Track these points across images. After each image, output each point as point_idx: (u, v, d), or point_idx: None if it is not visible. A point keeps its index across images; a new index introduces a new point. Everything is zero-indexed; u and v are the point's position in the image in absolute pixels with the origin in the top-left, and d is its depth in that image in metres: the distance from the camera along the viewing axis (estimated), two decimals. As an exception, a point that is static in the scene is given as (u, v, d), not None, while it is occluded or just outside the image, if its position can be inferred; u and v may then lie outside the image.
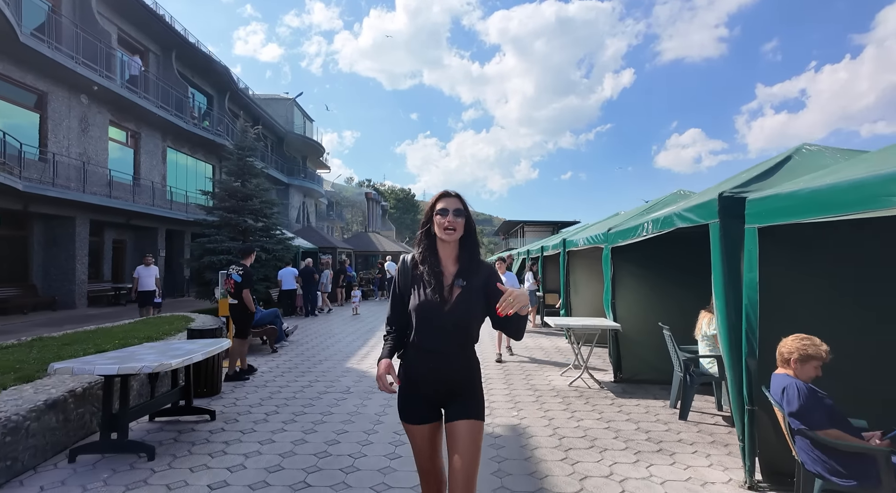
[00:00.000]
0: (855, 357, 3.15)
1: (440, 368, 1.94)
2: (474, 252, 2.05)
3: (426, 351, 1.95)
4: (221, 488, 3.14)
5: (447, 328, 1.92)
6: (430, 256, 2.02)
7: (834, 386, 2.76)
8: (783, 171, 3.95)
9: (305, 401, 5.13)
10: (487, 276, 2.00)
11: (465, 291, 1.94)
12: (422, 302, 1.95)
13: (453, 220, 1.96)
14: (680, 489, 3.19)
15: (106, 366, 3.38)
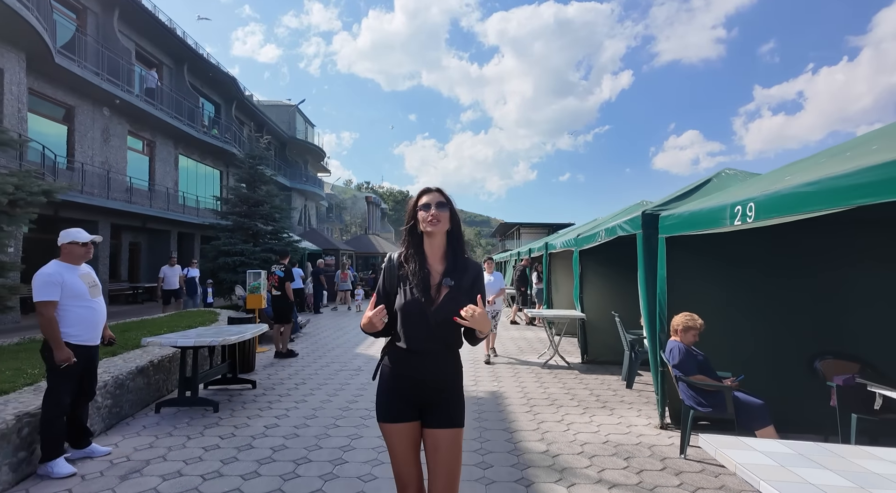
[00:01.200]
0: (729, 329, 4.32)
1: (424, 368, 1.90)
2: (460, 249, 2.00)
3: (411, 352, 1.90)
4: (273, 427, 4.29)
5: (433, 328, 1.87)
6: (417, 254, 1.97)
7: (712, 349, 3.93)
8: (700, 192, 5.12)
9: (325, 376, 6.29)
10: (475, 277, 1.98)
11: (453, 290, 1.89)
12: (408, 301, 1.89)
13: (437, 213, 1.92)
14: (610, 429, 4.35)
15: (184, 341, 4.53)
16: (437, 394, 1.91)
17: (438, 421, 1.88)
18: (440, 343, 1.90)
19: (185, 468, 3.41)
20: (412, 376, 1.90)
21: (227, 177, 24.82)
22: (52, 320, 3.16)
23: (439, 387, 1.91)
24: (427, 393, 1.91)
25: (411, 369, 1.90)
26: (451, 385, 1.93)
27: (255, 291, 7.98)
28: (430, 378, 1.90)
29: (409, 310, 1.89)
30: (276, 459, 3.60)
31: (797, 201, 2.59)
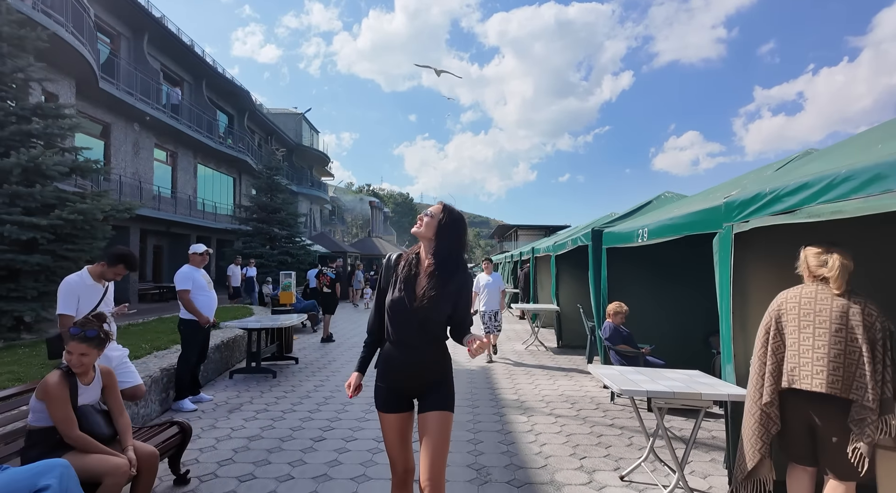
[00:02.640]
0: (649, 314, 5.91)
1: (413, 361, 2.05)
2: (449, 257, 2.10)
3: (400, 345, 2.06)
4: (319, 389, 5.87)
5: (415, 325, 2.02)
6: (413, 254, 2.16)
7: (637, 328, 5.51)
8: (641, 211, 6.70)
9: (349, 357, 7.87)
10: (461, 285, 2.11)
11: (437, 292, 2.02)
12: (394, 299, 2.05)
13: (422, 218, 2.15)
14: (566, 388, 5.94)
15: (254, 324, 6.12)
16: (426, 384, 2.09)
17: (429, 405, 2.06)
18: (425, 338, 2.06)
19: (269, 407, 4.99)
20: (401, 368, 2.07)
21: (240, 183, 26.43)
22: (190, 301, 4.78)
23: (427, 378, 2.08)
24: (416, 383, 2.09)
25: (400, 362, 2.06)
26: (439, 375, 2.10)
27: (287, 288, 9.58)
28: (419, 368, 2.07)
29: (396, 307, 2.05)
30: (325, 407, 5.19)
31: (663, 230, 4.18)
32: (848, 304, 2.18)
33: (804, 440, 2.27)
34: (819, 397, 2.20)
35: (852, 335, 2.14)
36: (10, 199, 6.45)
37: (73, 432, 2.41)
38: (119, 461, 2.42)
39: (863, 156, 2.29)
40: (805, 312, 2.24)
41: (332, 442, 4.05)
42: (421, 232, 2.13)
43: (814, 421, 2.22)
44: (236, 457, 3.71)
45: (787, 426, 2.32)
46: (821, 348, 2.20)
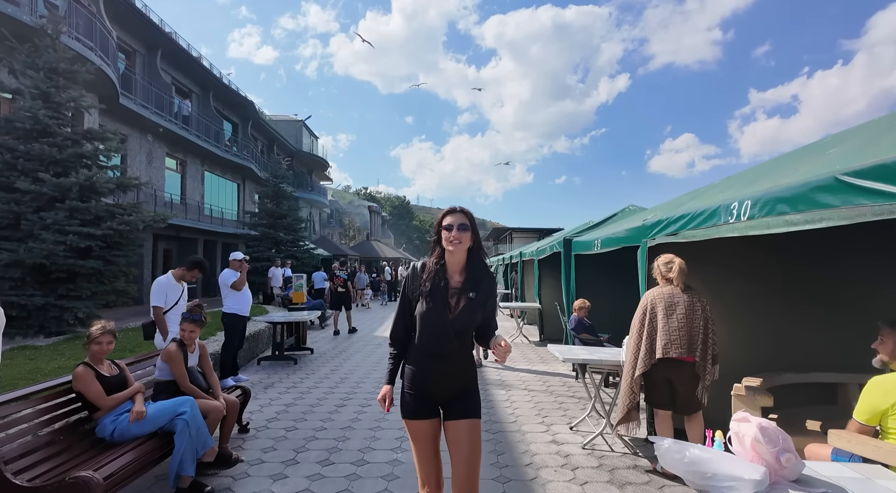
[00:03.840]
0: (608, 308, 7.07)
1: (442, 369, 2.09)
2: (478, 263, 2.17)
3: (429, 355, 2.09)
4: (335, 372, 7.00)
5: (449, 335, 2.04)
6: (439, 265, 2.14)
7: (598, 319, 6.67)
8: (606, 223, 7.88)
9: (357, 348, 9.02)
10: (489, 290, 2.16)
11: (469, 302, 2.07)
12: (428, 309, 2.06)
13: (458, 235, 2.08)
14: (542, 371, 7.09)
15: (278, 318, 7.25)
16: (455, 391, 2.11)
17: (457, 413, 2.08)
18: (456, 348, 2.08)
19: (296, 385, 6.13)
20: (432, 376, 2.09)
21: (244, 189, 27.51)
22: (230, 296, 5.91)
23: (456, 385, 2.11)
24: (445, 391, 2.10)
25: (431, 371, 2.09)
26: (467, 382, 2.14)
27: (299, 289, 10.70)
28: (448, 377, 2.10)
29: (429, 318, 2.06)
30: (342, 385, 6.33)
31: (610, 242, 5.36)
32: (691, 297, 3.36)
33: (666, 393, 3.44)
34: (678, 362, 3.36)
35: (695, 319, 3.32)
36: (70, 213, 7.56)
37: (187, 383, 3.55)
38: (217, 404, 3.56)
39: (734, 191, 3.45)
40: (668, 304, 3.40)
41: (352, 407, 5.20)
42: (459, 248, 2.10)
43: (673, 379, 3.39)
44: (279, 416, 4.85)
45: (654, 385, 3.48)
46: (681, 329, 3.36)
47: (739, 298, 4.11)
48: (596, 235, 6.47)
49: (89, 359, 3.18)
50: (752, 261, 4.12)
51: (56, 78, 8.12)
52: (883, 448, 2.25)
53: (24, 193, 7.36)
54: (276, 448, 4.00)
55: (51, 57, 8.07)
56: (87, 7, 12.59)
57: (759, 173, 3.58)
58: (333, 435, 4.34)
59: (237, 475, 3.49)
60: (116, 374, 3.27)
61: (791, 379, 3.80)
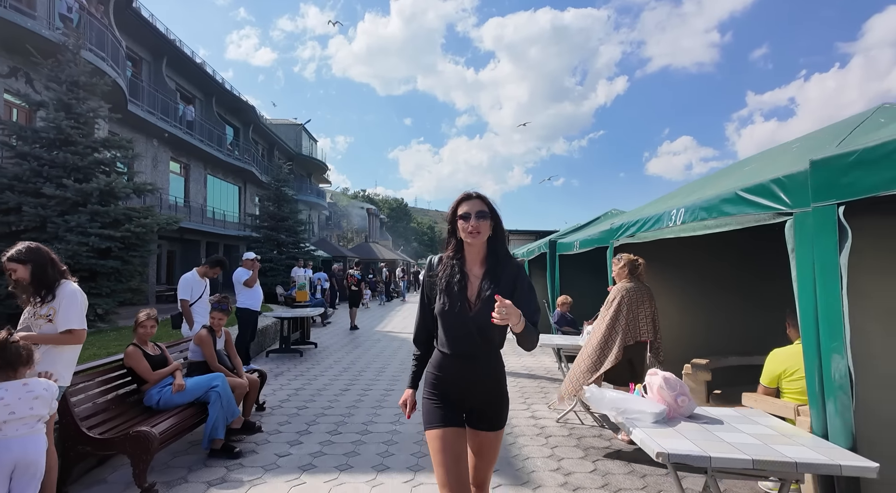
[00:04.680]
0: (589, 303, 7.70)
1: (466, 372, 1.90)
2: (501, 252, 1.96)
3: (452, 356, 1.91)
4: (339, 363, 7.60)
5: (472, 333, 1.86)
6: (457, 258, 1.95)
7: (579, 312, 7.29)
8: (589, 225, 8.50)
9: (357, 342, 9.62)
10: (515, 277, 1.93)
11: (491, 295, 1.83)
12: (446, 306, 1.89)
13: (477, 223, 1.88)
14: (529, 362, 7.70)
15: (285, 314, 7.85)
16: (481, 397, 1.92)
17: (483, 423, 1.92)
18: (479, 347, 1.89)
19: (303, 374, 6.73)
20: (457, 381, 1.91)
21: (245, 191, 28.10)
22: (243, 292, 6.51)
23: (483, 390, 1.92)
24: (472, 396, 1.92)
25: (455, 375, 1.91)
26: (493, 389, 1.93)
27: (302, 288, 11.29)
28: (475, 381, 1.91)
29: (450, 315, 1.88)
30: (344, 373, 6.93)
31: (586, 243, 5.98)
32: (647, 288, 3.98)
33: (627, 371, 4.05)
34: (639, 344, 3.98)
35: (652, 306, 3.94)
36: (92, 216, 8.15)
37: (216, 363, 4.15)
38: (242, 380, 4.17)
39: (680, 199, 4.06)
40: (639, 297, 4.02)
41: (355, 391, 5.80)
42: (479, 239, 1.90)
43: (634, 358, 4.01)
44: (290, 398, 5.45)
45: (617, 366, 4.09)
46: (647, 317, 3.98)
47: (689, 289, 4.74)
48: (577, 237, 7.09)
49: (136, 340, 3.78)
50: (692, 258, 4.75)
51: (77, 90, 8.72)
52: (777, 404, 2.87)
53: (49, 197, 7.94)
54: (290, 422, 4.60)
55: (72, 71, 8.67)
56: (101, 20, 13.19)
57: (701, 184, 4.21)
58: (339, 412, 4.94)
59: (259, 440, 4.09)
60: (159, 354, 3.87)
61: (735, 362, 4.42)
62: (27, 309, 2.80)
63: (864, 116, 3.02)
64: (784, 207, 2.28)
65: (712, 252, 4.60)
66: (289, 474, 3.47)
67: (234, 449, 3.73)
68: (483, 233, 1.90)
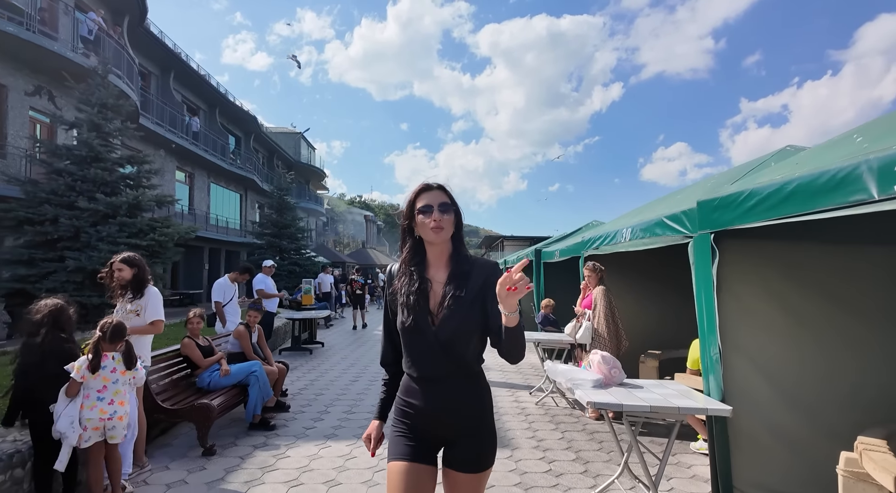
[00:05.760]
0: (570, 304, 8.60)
1: (434, 399, 1.58)
2: (462, 249, 1.66)
3: (419, 379, 1.61)
4: (345, 359, 8.44)
5: (436, 350, 1.55)
6: (415, 263, 1.65)
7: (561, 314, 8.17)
8: (572, 235, 9.40)
9: (361, 342, 10.46)
10: (486, 277, 1.59)
11: (457, 300, 1.55)
12: (406, 319, 1.58)
13: (440, 218, 1.57)
14: (516, 359, 8.58)
15: (295, 316, 8.69)
16: (457, 429, 1.59)
17: (458, 463, 1.57)
18: (449, 366, 1.57)
19: (315, 369, 7.57)
20: (424, 408, 1.59)
21: (247, 199, 28.90)
22: (263, 293, 7.34)
23: (458, 419, 1.58)
24: (444, 428, 1.60)
25: (423, 400, 1.59)
26: (473, 417, 1.60)
27: (307, 292, 12.12)
28: (444, 409, 1.58)
29: (410, 329, 1.58)
30: (352, 368, 7.78)
31: (565, 252, 6.87)
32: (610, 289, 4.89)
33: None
34: None
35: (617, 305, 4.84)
36: (120, 227, 8.98)
37: (251, 354, 5.00)
38: (273, 368, 5.02)
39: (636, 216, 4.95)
40: (610, 295, 4.91)
41: (363, 383, 6.65)
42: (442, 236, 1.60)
43: None
44: (307, 388, 6.30)
45: None
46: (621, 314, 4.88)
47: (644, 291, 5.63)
48: (558, 246, 8.00)
49: (189, 334, 4.63)
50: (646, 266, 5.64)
51: (105, 111, 9.57)
52: (697, 379, 3.75)
53: (82, 210, 8.76)
54: (310, 405, 5.45)
55: (102, 94, 9.52)
56: (118, 40, 14.04)
57: (649, 207, 5.13)
58: (351, 398, 5.79)
59: (288, 418, 4.94)
60: (207, 345, 4.71)
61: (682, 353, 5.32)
62: (118, 306, 3.65)
63: (764, 158, 3.93)
64: (687, 232, 3.18)
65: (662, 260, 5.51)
66: (316, 440, 4.33)
67: (270, 423, 4.58)
68: (447, 229, 1.59)
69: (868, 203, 1.78)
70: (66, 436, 2.64)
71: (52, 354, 2.88)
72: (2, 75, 11.18)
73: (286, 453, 4.02)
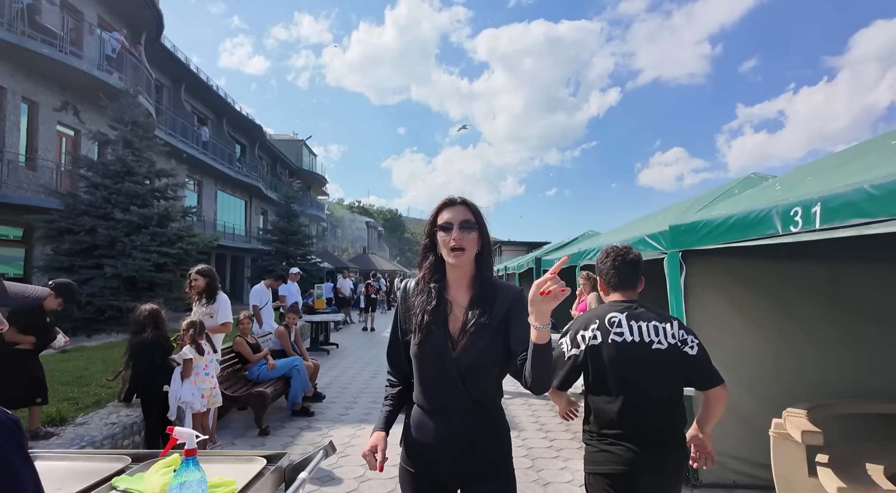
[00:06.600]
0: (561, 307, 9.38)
1: (452, 434, 1.43)
2: (488, 272, 1.53)
3: (431, 413, 1.47)
4: (361, 359, 9.17)
5: (456, 379, 1.42)
6: (435, 282, 1.52)
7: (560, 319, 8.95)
8: (571, 244, 10.19)
9: (374, 342, 11.19)
10: (511, 304, 1.48)
11: (479, 327, 1.43)
12: (422, 345, 1.46)
13: (461, 236, 1.44)
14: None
15: (317, 319, 9.43)
16: (476, 470, 1.45)
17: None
18: (467, 399, 1.43)
19: (334, 366, 8.29)
20: (438, 446, 1.45)
21: (251, 205, 29.62)
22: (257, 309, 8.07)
23: (473, 460, 1.44)
24: (456, 468, 1.45)
25: (436, 437, 1.45)
26: (494, 455, 1.47)
27: (320, 297, 12.84)
28: (459, 448, 1.44)
29: (426, 357, 1.46)
30: (368, 366, 8.51)
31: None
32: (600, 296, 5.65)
33: None
34: None
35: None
36: (152, 236, 9.71)
37: (290, 351, 5.74)
38: (310, 364, 5.76)
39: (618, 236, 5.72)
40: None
41: (381, 379, 7.33)
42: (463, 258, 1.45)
43: None
44: (332, 383, 7.03)
45: None
46: None
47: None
48: (558, 255, 8.76)
49: (240, 333, 5.36)
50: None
51: (137, 129, 10.32)
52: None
53: (118, 221, 9.49)
54: (340, 396, 6.20)
55: (134, 112, 10.27)
56: (138, 58, 14.80)
57: (632, 225, 5.90)
58: (374, 390, 6.54)
59: (323, 406, 5.68)
60: (254, 342, 5.45)
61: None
62: (195, 308, 4.39)
63: (730, 185, 4.72)
64: (662, 249, 3.95)
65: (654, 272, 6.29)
66: (351, 424, 5.07)
67: (310, 410, 5.32)
68: (469, 250, 1.46)
69: (776, 236, 2.55)
70: (191, 405, 3.39)
71: (156, 346, 3.62)
72: (33, 93, 11.93)
73: (328, 433, 4.76)
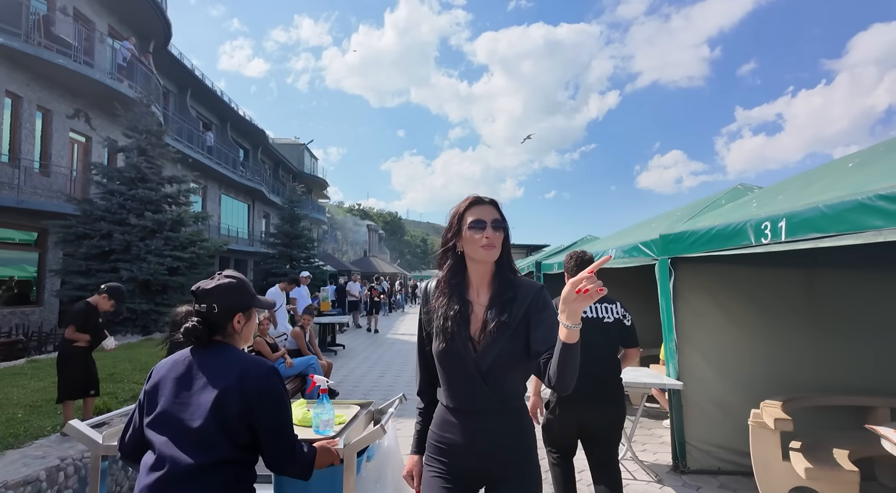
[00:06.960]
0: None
1: (474, 434, 1.45)
2: (508, 272, 1.52)
3: (456, 411, 1.48)
4: (368, 359, 9.51)
5: (477, 379, 1.42)
6: (455, 281, 1.53)
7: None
8: (570, 248, 10.56)
9: (378, 343, 11.54)
10: (532, 300, 1.47)
11: (501, 326, 1.42)
12: (443, 345, 1.46)
13: (493, 235, 1.45)
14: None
15: (324, 320, 9.78)
16: (500, 468, 1.46)
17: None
18: (490, 399, 1.44)
19: (344, 366, 8.63)
20: (462, 445, 1.46)
21: (254, 209, 29.97)
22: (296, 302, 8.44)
23: (498, 460, 1.46)
24: (480, 467, 1.47)
25: (461, 436, 1.46)
26: (515, 457, 1.47)
27: (325, 299, 13.20)
28: (487, 446, 1.45)
29: (448, 358, 1.46)
30: (376, 366, 8.85)
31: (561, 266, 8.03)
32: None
33: None
34: None
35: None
36: (165, 241, 10.05)
37: (306, 350, 6.09)
38: (324, 362, 6.11)
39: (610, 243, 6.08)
40: None
41: (390, 377, 7.74)
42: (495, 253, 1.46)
43: None
44: (343, 381, 7.38)
45: None
46: None
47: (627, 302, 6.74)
48: (556, 259, 9.13)
49: (260, 333, 5.72)
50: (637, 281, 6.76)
51: (150, 137, 10.68)
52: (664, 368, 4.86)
53: (133, 226, 9.84)
54: (352, 393, 6.55)
55: (147, 121, 10.63)
56: (148, 66, 15.18)
57: (627, 232, 6.27)
58: (383, 388, 6.89)
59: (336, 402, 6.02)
60: (273, 342, 5.80)
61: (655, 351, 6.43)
62: None
63: (717, 196, 5.09)
64: (654, 256, 4.31)
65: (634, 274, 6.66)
66: (365, 419, 5.41)
67: (325, 406, 5.66)
68: (499, 248, 1.47)
69: (750, 246, 2.91)
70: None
71: (193, 345, 3.97)
72: (48, 101, 12.29)
73: (344, 427, 5.11)
